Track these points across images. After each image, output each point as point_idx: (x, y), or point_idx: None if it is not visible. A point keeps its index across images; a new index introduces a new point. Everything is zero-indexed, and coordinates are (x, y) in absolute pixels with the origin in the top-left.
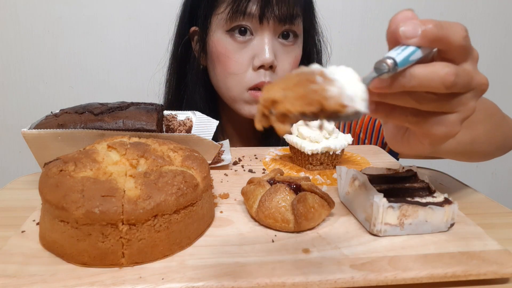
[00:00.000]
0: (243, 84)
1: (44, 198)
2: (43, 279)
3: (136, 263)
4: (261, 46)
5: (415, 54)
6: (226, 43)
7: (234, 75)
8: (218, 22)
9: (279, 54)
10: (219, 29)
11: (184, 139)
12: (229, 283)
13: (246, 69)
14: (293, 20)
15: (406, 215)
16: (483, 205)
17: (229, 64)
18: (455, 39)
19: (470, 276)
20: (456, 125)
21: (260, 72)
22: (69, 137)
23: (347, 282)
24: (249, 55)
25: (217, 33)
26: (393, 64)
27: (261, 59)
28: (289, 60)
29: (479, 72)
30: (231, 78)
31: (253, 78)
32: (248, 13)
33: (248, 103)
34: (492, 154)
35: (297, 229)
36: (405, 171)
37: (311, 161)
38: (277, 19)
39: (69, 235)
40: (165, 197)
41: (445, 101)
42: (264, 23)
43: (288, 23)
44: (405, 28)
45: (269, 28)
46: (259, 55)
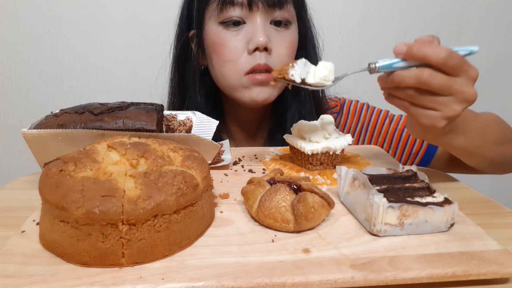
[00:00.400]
0: (239, 70)
1: (44, 198)
2: (43, 279)
3: (136, 263)
4: (254, 29)
5: (398, 63)
6: (220, 33)
7: (230, 62)
8: (211, 15)
9: (272, 38)
10: (212, 21)
11: (184, 139)
12: (229, 283)
13: (241, 54)
14: (282, 5)
15: (406, 215)
16: (483, 205)
17: (224, 51)
18: (433, 58)
19: (470, 276)
20: (438, 120)
21: (255, 55)
22: (69, 137)
23: (347, 282)
24: (243, 41)
25: (210, 26)
26: (375, 66)
27: (255, 41)
28: (284, 44)
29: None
30: (227, 66)
31: (249, 62)
32: (237, 2)
33: (247, 88)
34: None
35: (297, 229)
36: (405, 171)
37: (311, 161)
38: (265, 3)
39: (69, 235)
40: (165, 197)
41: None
42: (254, 9)
43: (277, 8)
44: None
45: (259, 13)
46: (252, 39)
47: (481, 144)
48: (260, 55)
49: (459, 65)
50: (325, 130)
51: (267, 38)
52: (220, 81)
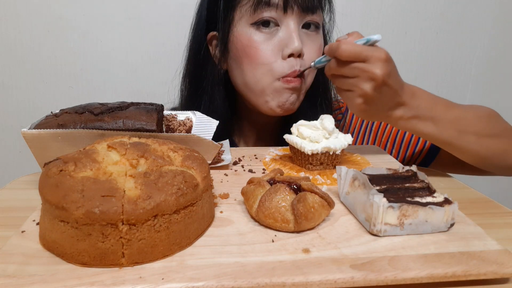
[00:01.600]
0: (273, 73)
1: (44, 198)
2: (43, 279)
3: (136, 263)
4: (289, 34)
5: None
6: (252, 34)
7: (263, 65)
8: (242, 15)
9: (304, 42)
10: (243, 22)
11: (184, 139)
12: (229, 283)
13: (275, 59)
14: (315, 10)
15: (406, 215)
16: (483, 205)
17: (258, 54)
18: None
19: (470, 276)
20: (354, 98)
21: (290, 60)
22: (69, 137)
23: (347, 282)
24: (277, 45)
25: (241, 27)
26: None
27: (292, 47)
28: (314, 48)
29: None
30: (260, 69)
31: (284, 68)
32: (273, 3)
33: (278, 92)
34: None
35: (297, 229)
36: (405, 171)
37: (311, 161)
38: (300, 7)
39: (69, 235)
40: (165, 197)
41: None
42: (288, 12)
43: (310, 12)
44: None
45: (293, 17)
46: (288, 44)
47: (456, 134)
48: (296, 61)
49: (354, 54)
50: (325, 130)
51: (301, 44)
52: (249, 85)
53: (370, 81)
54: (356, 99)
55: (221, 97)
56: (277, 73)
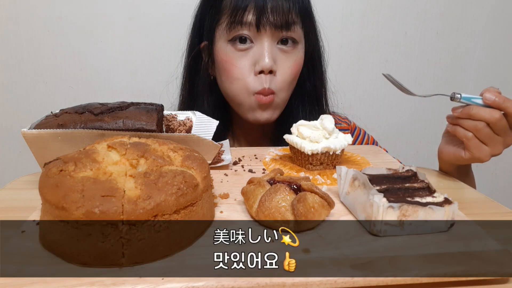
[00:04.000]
0: (248, 88)
1: (44, 198)
2: (43, 279)
3: (136, 263)
4: (261, 52)
5: (476, 100)
6: (228, 51)
7: (238, 80)
8: (221, 33)
9: (278, 59)
10: (222, 39)
11: (184, 139)
12: (229, 283)
13: (248, 74)
14: (290, 27)
15: (406, 215)
16: (483, 205)
17: (233, 70)
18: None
19: (470, 276)
20: (487, 155)
21: (261, 77)
22: (69, 137)
23: (347, 282)
24: (250, 61)
25: (220, 43)
26: (459, 96)
27: (261, 65)
28: (288, 64)
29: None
30: (235, 84)
31: (256, 84)
32: (245, 22)
33: (252, 109)
34: None
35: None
36: (405, 171)
37: (311, 161)
38: (273, 26)
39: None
40: (165, 197)
41: (488, 135)
42: (261, 31)
43: (284, 30)
44: (487, 94)
45: (266, 35)
46: (259, 61)
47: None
48: (265, 78)
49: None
50: (325, 130)
51: (273, 61)
52: (229, 97)
53: (505, 146)
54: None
55: (210, 102)
56: (251, 89)
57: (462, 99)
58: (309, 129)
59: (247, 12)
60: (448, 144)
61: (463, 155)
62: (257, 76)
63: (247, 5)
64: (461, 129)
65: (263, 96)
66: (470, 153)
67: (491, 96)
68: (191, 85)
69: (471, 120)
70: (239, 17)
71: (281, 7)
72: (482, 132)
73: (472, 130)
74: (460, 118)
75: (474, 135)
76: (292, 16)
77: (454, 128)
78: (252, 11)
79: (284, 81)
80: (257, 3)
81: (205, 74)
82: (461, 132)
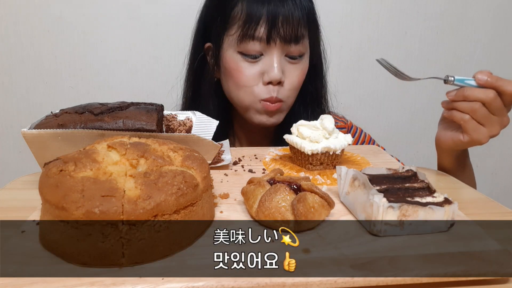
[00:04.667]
0: (255, 95)
1: (44, 198)
2: (43, 279)
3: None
4: (270, 64)
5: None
6: (238, 60)
7: (245, 87)
8: (230, 43)
9: (286, 70)
10: (231, 48)
11: (184, 139)
12: (229, 283)
13: (257, 83)
14: (298, 41)
15: (406, 215)
16: (483, 205)
17: (241, 78)
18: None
19: (470, 276)
20: (485, 136)
21: (269, 87)
22: (69, 137)
23: (347, 282)
24: (259, 71)
25: (229, 52)
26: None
27: (270, 76)
28: (296, 74)
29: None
30: (243, 90)
31: (263, 92)
32: (256, 37)
33: (259, 113)
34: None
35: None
36: (405, 171)
37: (311, 161)
38: (282, 39)
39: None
40: (165, 197)
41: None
42: (271, 44)
43: (293, 43)
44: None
45: (276, 48)
46: (268, 72)
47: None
48: (274, 88)
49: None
50: (325, 130)
51: (281, 73)
52: (235, 101)
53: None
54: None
55: (214, 103)
56: (258, 96)
57: (455, 81)
58: (309, 129)
59: (259, 26)
60: (445, 130)
61: (462, 138)
62: (265, 86)
63: (260, 17)
64: (457, 112)
65: (270, 103)
66: (468, 136)
67: (483, 76)
68: (195, 87)
69: (466, 101)
70: (251, 31)
71: (291, 17)
72: (478, 112)
73: (469, 111)
74: (455, 101)
75: (471, 116)
76: (301, 29)
77: (450, 113)
78: (264, 25)
79: (292, 89)
80: (269, 13)
81: (210, 77)
82: (458, 115)
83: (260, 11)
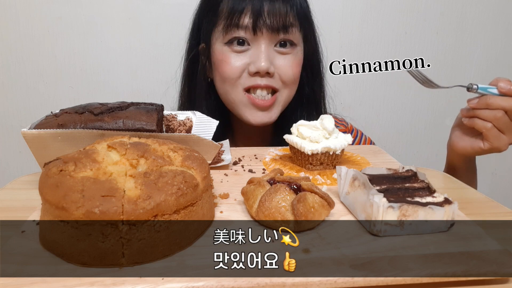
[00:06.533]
0: (239, 86)
1: (44, 198)
2: (43, 279)
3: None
4: (257, 54)
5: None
6: (225, 51)
7: (230, 79)
8: (218, 36)
9: (276, 60)
10: (219, 41)
11: (184, 139)
12: (229, 283)
13: (241, 73)
14: (287, 29)
15: (406, 215)
16: (483, 205)
17: (225, 68)
18: None
19: (470, 276)
20: (505, 144)
21: (256, 78)
22: (69, 137)
23: (347, 282)
24: (245, 61)
25: (217, 45)
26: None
27: (256, 66)
28: (288, 64)
29: None
30: (227, 82)
31: (247, 81)
32: (241, 25)
33: (246, 106)
34: None
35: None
36: (405, 171)
37: (311, 161)
38: (269, 29)
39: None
40: (165, 197)
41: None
42: (258, 34)
43: (282, 33)
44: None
45: (263, 38)
46: (255, 62)
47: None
48: (261, 79)
49: None
50: (325, 130)
51: (269, 64)
52: (223, 96)
53: None
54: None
55: (209, 104)
56: (242, 86)
57: (479, 89)
58: (309, 129)
59: (244, 15)
60: (463, 136)
61: (482, 146)
62: (251, 77)
63: (243, 8)
64: (479, 120)
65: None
66: (489, 143)
67: (506, 85)
68: (189, 88)
69: (489, 110)
70: (235, 20)
71: (277, 10)
72: (501, 120)
73: (491, 119)
74: (476, 109)
75: (493, 124)
76: (290, 19)
77: (471, 120)
78: (248, 14)
79: (285, 81)
80: (253, 6)
81: (202, 77)
82: (480, 123)
83: (244, 2)
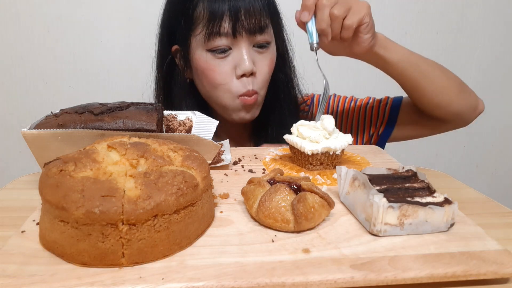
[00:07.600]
0: (232, 92)
1: (44, 198)
2: (43, 279)
3: (136, 263)
4: (240, 56)
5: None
6: (208, 59)
7: (221, 85)
8: (197, 42)
9: (256, 60)
10: (199, 48)
11: (184, 139)
12: (229, 283)
13: (231, 78)
14: (263, 30)
15: (406, 215)
16: (483, 205)
17: (215, 76)
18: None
19: (470, 276)
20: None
21: (243, 80)
22: (69, 137)
23: (347, 282)
24: (231, 66)
25: (198, 52)
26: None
27: (242, 68)
28: (265, 63)
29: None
30: (220, 89)
31: (239, 87)
32: (222, 33)
33: (238, 110)
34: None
35: (297, 229)
36: (405, 171)
37: (311, 161)
38: (248, 31)
39: (69, 235)
40: (165, 197)
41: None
42: (238, 37)
43: (259, 33)
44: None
45: (243, 40)
46: (240, 65)
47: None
48: (248, 80)
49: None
50: (325, 130)
51: (252, 64)
52: (213, 100)
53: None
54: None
55: (188, 104)
56: (235, 92)
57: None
58: (309, 129)
59: (223, 22)
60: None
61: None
62: (239, 80)
63: (222, 13)
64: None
65: (248, 97)
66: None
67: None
68: (167, 90)
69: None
70: (216, 28)
71: (252, 8)
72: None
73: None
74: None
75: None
76: (264, 19)
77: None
78: (227, 19)
79: (264, 80)
80: (231, 8)
81: (181, 79)
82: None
83: (222, 8)
